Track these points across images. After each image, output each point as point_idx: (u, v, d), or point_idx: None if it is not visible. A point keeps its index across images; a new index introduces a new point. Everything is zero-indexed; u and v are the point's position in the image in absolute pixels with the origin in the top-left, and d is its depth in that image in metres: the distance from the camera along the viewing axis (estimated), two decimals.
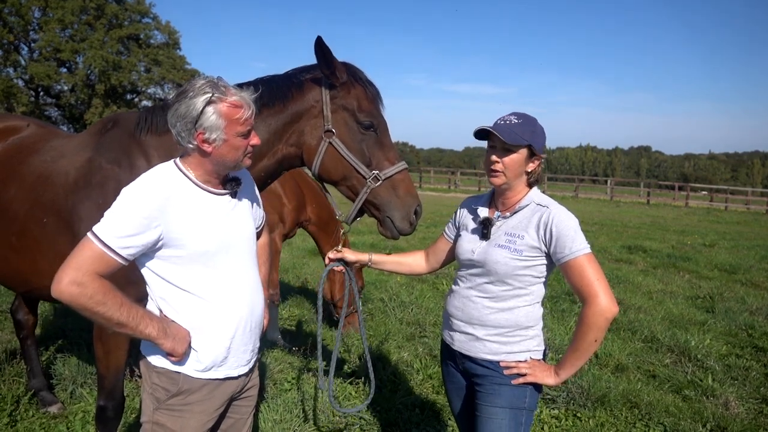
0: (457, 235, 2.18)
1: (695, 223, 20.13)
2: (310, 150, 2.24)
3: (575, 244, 1.83)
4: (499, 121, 1.95)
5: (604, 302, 1.78)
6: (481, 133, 1.97)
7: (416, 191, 2.31)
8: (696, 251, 11.45)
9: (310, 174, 2.78)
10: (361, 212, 2.33)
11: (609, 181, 39.58)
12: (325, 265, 2.34)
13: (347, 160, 2.20)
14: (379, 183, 2.20)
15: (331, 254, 2.29)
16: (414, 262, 2.40)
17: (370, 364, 2.39)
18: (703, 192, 40.36)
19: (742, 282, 8.42)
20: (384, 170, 2.21)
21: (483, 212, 2.06)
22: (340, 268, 2.30)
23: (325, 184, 2.41)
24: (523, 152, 1.91)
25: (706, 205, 31.60)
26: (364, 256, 2.32)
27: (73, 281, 1.48)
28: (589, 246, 1.86)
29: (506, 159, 1.92)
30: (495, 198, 2.08)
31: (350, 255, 2.30)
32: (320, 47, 2.12)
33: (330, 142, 2.20)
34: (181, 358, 1.67)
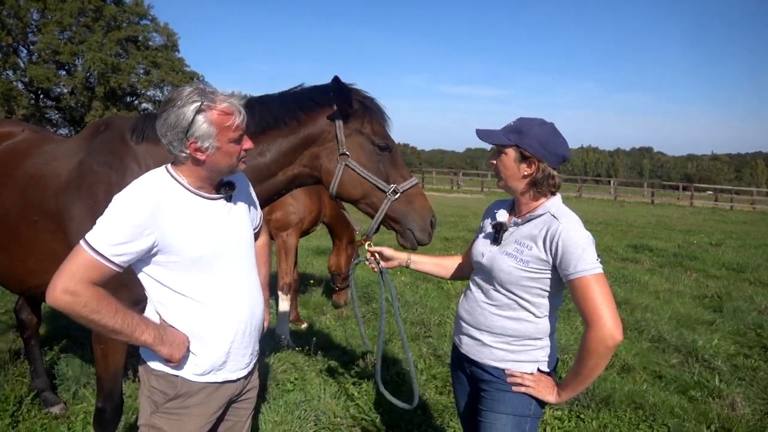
0: (475, 237, 2.15)
1: (701, 222, 20.05)
2: (328, 173, 2.33)
3: (581, 262, 1.72)
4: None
5: (607, 328, 1.67)
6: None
7: (430, 203, 2.43)
8: (703, 250, 11.39)
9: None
10: (378, 226, 2.40)
11: (612, 182, 39.50)
12: (363, 257, 2.38)
13: (367, 179, 2.30)
14: (397, 196, 2.31)
15: (370, 248, 2.32)
16: (452, 265, 2.37)
17: (412, 369, 2.39)
18: (708, 192, 40.21)
19: (750, 281, 8.36)
20: (400, 185, 2.33)
21: (501, 216, 2.02)
22: (372, 265, 2.32)
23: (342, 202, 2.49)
24: (511, 153, 1.87)
25: (711, 204, 31.51)
26: (402, 256, 2.32)
27: (66, 290, 1.46)
28: (599, 266, 1.74)
29: (497, 161, 1.92)
30: (515, 203, 2.05)
31: (389, 251, 2.31)
32: (339, 86, 2.22)
33: (346, 164, 2.29)
34: (179, 364, 1.65)
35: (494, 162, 1.95)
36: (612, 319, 1.67)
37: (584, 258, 1.72)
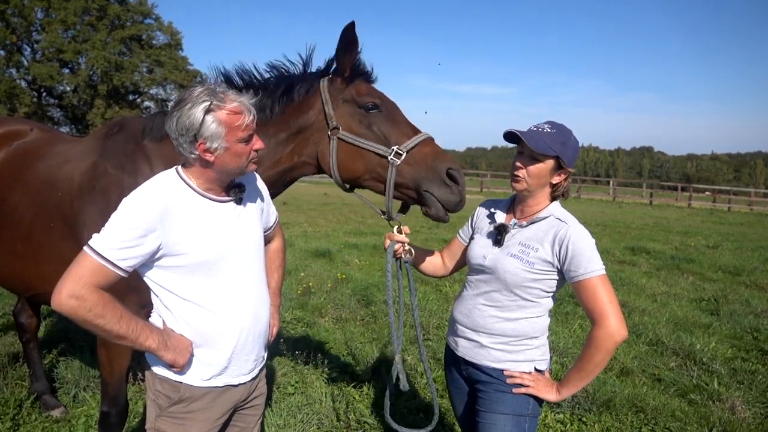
0: (471, 238, 2.14)
1: (698, 224, 20.06)
2: (323, 154, 2.17)
3: (591, 264, 1.81)
4: (532, 128, 1.90)
5: (614, 325, 1.76)
6: (509, 137, 1.92)
7: (448, 156, 2.09)
8: (699, 252, 11.39)
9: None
10: (405, 207, 2.18)
11: (611, 182, 39.50)
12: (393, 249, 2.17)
13: (362, 147, 2.07)
14: (402, 158, 2.03)
15: (398, 236, 2.15)
16: (436, 261, 2.33)
17: (433, 388, 2.28)
18: (707, 192, 40.25)
19: (747, 284, 8.37)
20: (403, 144, 2.04)
21: (500, 217, 2.02)
22: (407, 250, 2.16)
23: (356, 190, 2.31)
24: (550, 163, 1.87)
25: (709, 205, 31.55)
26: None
27: (72, 294, 1.47)
28: (603, 267, 1.83)
29: (531, 167, 1.88)
30: (515, 204, 2.04)
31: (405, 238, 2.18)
32: (350, 34, 2.03)
33: (339, 137, 2.11)
34: (182, 369, 1.66)
35: (522, 166, 1.88)
36: (619, 318, 1.78)
37: (593, 260, 1.82)
